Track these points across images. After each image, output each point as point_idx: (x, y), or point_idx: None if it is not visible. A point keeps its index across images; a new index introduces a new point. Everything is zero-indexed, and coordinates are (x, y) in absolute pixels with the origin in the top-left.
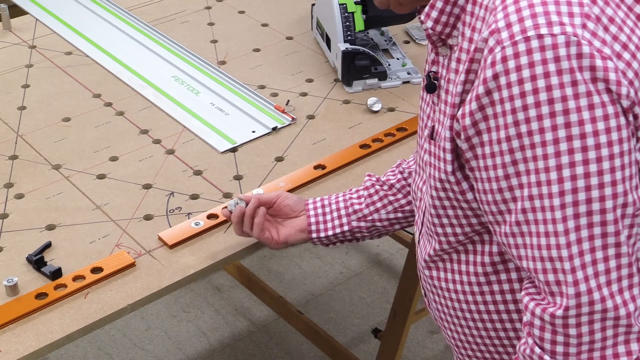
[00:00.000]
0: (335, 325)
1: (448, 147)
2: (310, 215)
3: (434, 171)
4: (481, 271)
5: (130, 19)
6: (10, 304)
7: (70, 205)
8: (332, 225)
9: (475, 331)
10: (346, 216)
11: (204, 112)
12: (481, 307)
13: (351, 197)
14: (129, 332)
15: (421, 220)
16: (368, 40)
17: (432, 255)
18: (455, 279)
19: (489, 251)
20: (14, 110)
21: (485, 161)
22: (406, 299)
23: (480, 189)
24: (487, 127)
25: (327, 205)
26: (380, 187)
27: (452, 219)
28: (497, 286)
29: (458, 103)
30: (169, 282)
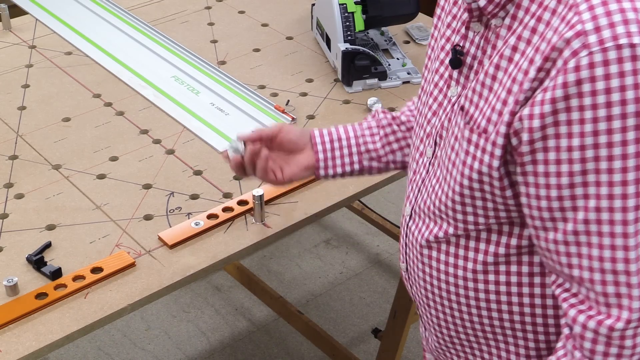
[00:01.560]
0: (335, 325)
1: (500, 143)
2: (318, 150)
3: (472, 161)
4: (491, 260)
5: (130, 19)
6: (10, 304)
7: (70, 205)
8: (341, 163)
9: (466, 316)
10: (357, 154)
11: (204, 112)
12: (481, 295)
13: (363, 135)
14: (129, 332)
15: (415, 196)
16: (368, 40)
17: (440, 237)
18: (459, 264)
19: (505, 242)
20: (14, 110)
21: (548, 167)
22: (406, 299)
23: (532, 193)
24: (558, 133)
25: (337, 140)
26: (398, 128)
27: (478, 209)
28: (504, 277)
29: (523, 100)
30: (169, 282)
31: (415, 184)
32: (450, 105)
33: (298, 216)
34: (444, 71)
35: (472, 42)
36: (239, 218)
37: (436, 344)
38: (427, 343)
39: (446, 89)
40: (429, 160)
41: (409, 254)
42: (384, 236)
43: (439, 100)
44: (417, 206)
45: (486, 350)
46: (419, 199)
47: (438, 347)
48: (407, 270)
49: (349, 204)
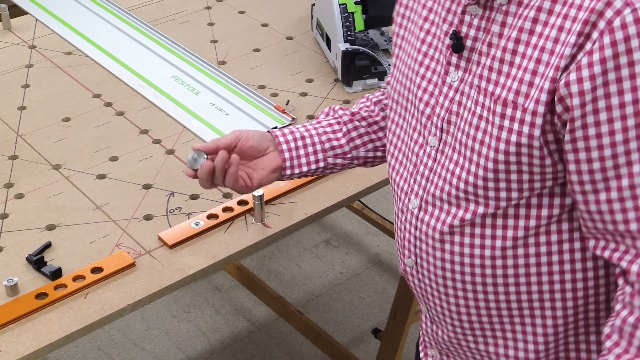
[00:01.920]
0: (335, 325)
1: (541, 111)
2: (283, 150)
3: (508, 134)
4: (521, 235)
5: (130, 19)
6: (10, 304)
7: (70, 205)
8: (306, 161)
9: (491, 296)
10: (322, 152)
11: (204, 112)
12: (509, 271)
13: (326, 132)
14: (129, 332)
15: (423, 187)
16: (368, 40)
17: (467, 220)
18: (486, 244)
19: (536, 215)
20: (14, 110)
21: (600, 128)
22: (406, 299)
23: (583, 158)
24: (609, 92)
25: (300, 139)
26: (359, 124)
27: (513, 183)
28: (533, 249)
29: (563, 67)
30: (169, 282)
31: (420, 175)
32: (452, 91)
33: (298, 216)
34: (438, 56)
35: (471, 25)
36: (239, 218)
37: (448, 335)
38: (434, 338)
39: (444, 75)
40: (435, 148)
41: (419, 247)
42: (384, 236)
43: (439, 87)
44: (428, 196)
45: (510, 329)
46: (429, 188)
47: (450, 339)
48: (416, 265)
49: (349, 204)
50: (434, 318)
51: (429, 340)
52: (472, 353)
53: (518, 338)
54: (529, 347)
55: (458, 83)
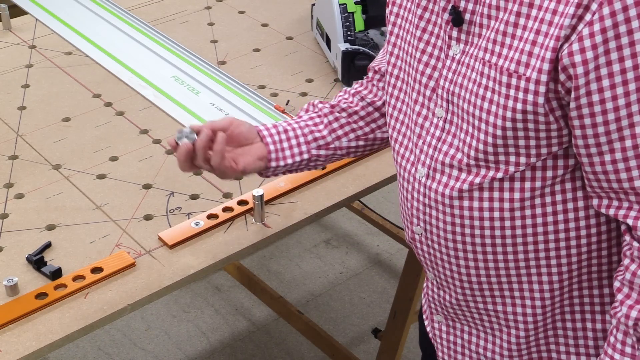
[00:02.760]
0: (335, 325)
1: (544, 80)
2: (268, 142)
3: (513, 102)
4: (528, 196)
5: (130, 19)
6: (10, 304)
7: (70, 205)
8: (290, 153)
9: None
10: (305, 143)
11: (204, 112)
12: (517, 232)
13: (308, 125)
14: (129, 332)
15: (430, 155)
16: (368, 40)
17: (476, 184)
18: (494, 206)
19: (541, 176)
20: (14, 110)
21: (603, 94)
22: (406, 299)
23: (588, 123)
24: (610, 60)
25: (284, 132)
26: (340, 115)
27: (521, 149)
28: (540, 209)
29: (563, 37)
30: (169, 282)
31: (427, 145)
32: (455, 63)
33: (298, 216)
34: (437, 31)
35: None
36: (239, 218)
37: (457, 298)
38: (441, 303)
39: (446, 49)
40: (442, 118)
41: (428, 214)
42: (384, 236)
43: (442, 61)
44: (437, 164)
45: (517, 287)
46: (437, 157)
47: (459, 302)
48: (425, 232)
49: (349, 204)
50: (442, 283)
51: (435, 306)
52: (479, 314)
53: (525, 295)
54: (535, 303)
55: (460, 55)
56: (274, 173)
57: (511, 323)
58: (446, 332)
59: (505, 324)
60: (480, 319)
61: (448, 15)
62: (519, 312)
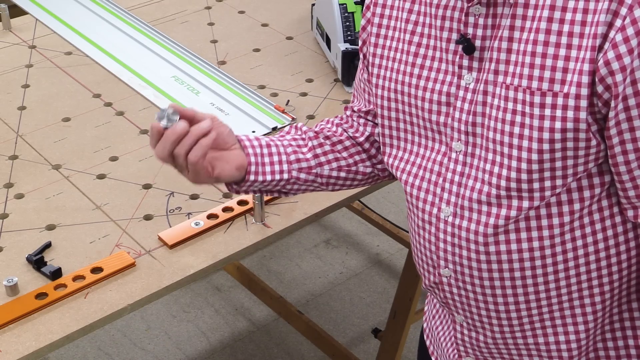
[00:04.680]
0: (335, 325)
1: (585, 93)
2: (249, 153)
3: (551, 122)
4: (567, 220)
5: (130, 19)
6: (10, 304)
7: (70, 205)
8: (271, 170)
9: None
10: (287, 163)
11: (204, 112)
12: (559, 258)
13: (291, 145)
14: (129, 332)
15: (455, 193)
16: None
17: (512, 217)
18: (533, 236)
19: (579, 197)
20: (14, 110)
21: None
22: (406, 299)
23: (625, 128)
24: None
25: (266, 147)
26: (324, 141)
27: (557, 171)
28: (579, 232)
29: (599, 46)
30: (169, 282)
31: (450, 182)
32: (470, 93)
33: (298, 216)
34: (441, 66)
35: (477, 25)
36: (239, 218)
37: (493, 337)
38: (472, 345)
39: (458, 80)
40: (462, 152)
41: (459, 254)
42: (384, 236)
43: (451, 93)
44: (464, 201)
45: (559, 315)
46: (463, 193)
47: (495, 340)
48: (455, 274)
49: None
50: (474, 324)
51: (465, 348)
52: (518, 350)
53: (568, 322)
54: (579, 328)
55: (474, 84)
56: (248, 188)
57: (554, 353)
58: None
59: (547, 355)
60: (519, 355)
61: (456, 45)
62: (562, 340)
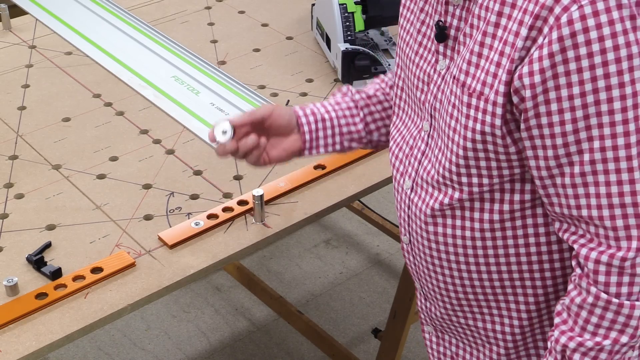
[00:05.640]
0: (335, 325)
1: (500, 102)
2: (305, 131)
3: (474, 123)
4: (497, 218)
5: (130, 19)
6: (10, 304)
7: (70, 205)
8: (324, 144)
9: (475, 275)
10: (339, 135)
11: (204, 112)
12: (489, 252)
13: (345, 116)
14: (129, 332)
15: (415, 169)
16: (368, 40)
17: (446, 204)
18: (466, 225)
19: (509, 199)
20: (14, 110)
21: (551, 118)
22: (406, 299)
23: (538, 144)
24: (558, 85)
25: (321, 121)
26: (375, 108)
27: (482, 170)
28: (510, 232)
29: (518, 59)
30: (169, 282)
31: (414, 158)
32: (440, 78)
33: (298, 216)
34: (430, 45)
35: (454, 15)
36: (239, 218)
37: (440, 311)
38: (428, 314)
39: (434, 63)
40: (427, 133)
41: (411, 226)
42: (384, 236)
43: (430, 74)
44: (419, 178)
45: (495, 306)
46: (420, 171)
47: (442, 315)
48: (409, 242)
49: (349, 204)
50: (427, 294)
51: (424, 317)
52: (462, 329)
53: (503, 314)
54: (513, 322)
55: (444, 71)
56: (305, 156)
57: (492, 340)
58: (436, 342)
59: (486, 340)
60: (464, 333)
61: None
62: (498, 329)
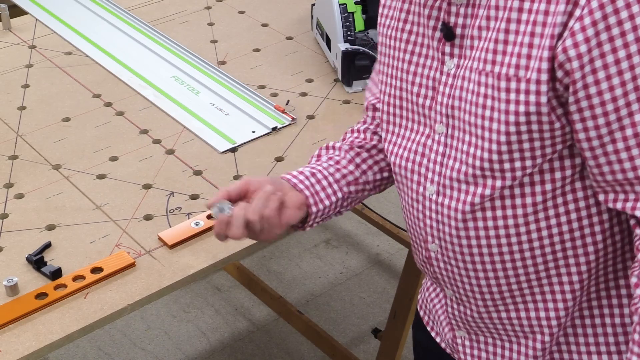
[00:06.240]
0: (335, 325)
1: (544, 79)
2: (302, 188)
3: (516, 106)
4: (540, 200)
5: (130, 19)
6: (10, 304)
7: (70, 205)
8: (326, 195)
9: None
10: (336, 182)
11: (204, 112)
12: (533, 235)
13: (330, 165)
14: (129, 332)
15: (437, 172)
16: (368, 40)
17: (486, 196)
18: (507, 214)
19: (549, 178)
20: (14, 110)
21: (600, 86)
22: (406, 299)
23: (588, 115)
24: (603, 52)
25: (312, 176)
26: (359, 150)
27: (526, 152)
28: (553, 211)
29: (557, 35)
30: (169, 282)
31: (433, 163)
32: (451, 78)
33: None
34: (429, 51)
35: (458, 14)
36: None
37: (478, 312)
38: (463, 319)
39: (440, 65)
40: (444, 134)
41: (443, 230)
42: (384, 236)
43: (435, 77)
44: (445, 180)
45: (538, 291)
46: (444, 172)
47: (480, 315)
48: (440, 249)
49: None
50: (461, 299)
51: (456, 322)
52: (502, 324)
53: (547, 298)
54: (558, 305)
55: (455, 70)
56: (314, 222)
57: (536, 328)
58: (470, 346)
59: (530, 330)
60: (504, 329)
61: (440, 33)
62: (542, 316)
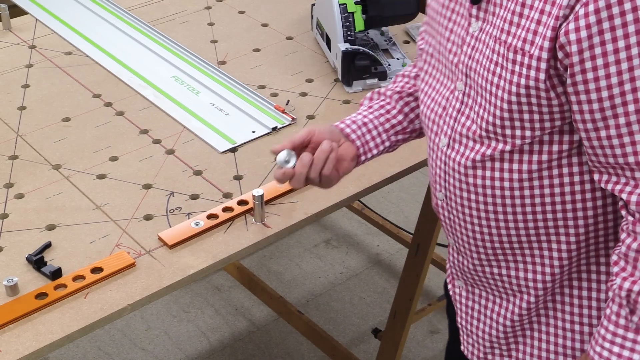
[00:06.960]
0: (335, 325)
1: (545, 57)
2: (354, 139)
3: (518, 78)
4: (535, 168)
5: (130, 19)
6: (10, 304)
7: (70, 205)
8: (374, 144)
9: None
10: (384, 132)
11: (204, 112)
12: (527, 201)
13: (381, 114)
14: (129, 332)
15: (451, 127)
16: (368, 40)
17: (487, 155)
18: (505, 176)
19: (548, 150)
20: (14, 110)
21: (597, 72)
22: (406, 299)
23: (584, 99)
24: (604, 40)
25: (364, 125)
26: (408, 99)
27: (526, 123)
28: (547, 181)
29: (562, 16)
30: (169, 282)
31: (449, 117)
32: (474, 39)
33: (298, 216)
34: (462, 10)
35: None
36: (239, 218)
37: (473, 263)
38: (460, 268)
39: (467, 26)
40: (462, 92)
41: (448, 181)
42: (384, 236)
43: (462, 36)
44: (456, 135)
45: (528, 253)
46: (457, 127)
47: (475, 267)
48: (445, 198)
49: (349, 204)
50: (460, 248)
51: (456, 272)
52: (494, 280)
53: (536, 262)
54: (545, 270)
55: (478, 32)
56: (362, 163)
57: (523, 288)
58: (465, 297)
59: (517, 289)
60: (495, 285)
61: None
62: (530, 277)
